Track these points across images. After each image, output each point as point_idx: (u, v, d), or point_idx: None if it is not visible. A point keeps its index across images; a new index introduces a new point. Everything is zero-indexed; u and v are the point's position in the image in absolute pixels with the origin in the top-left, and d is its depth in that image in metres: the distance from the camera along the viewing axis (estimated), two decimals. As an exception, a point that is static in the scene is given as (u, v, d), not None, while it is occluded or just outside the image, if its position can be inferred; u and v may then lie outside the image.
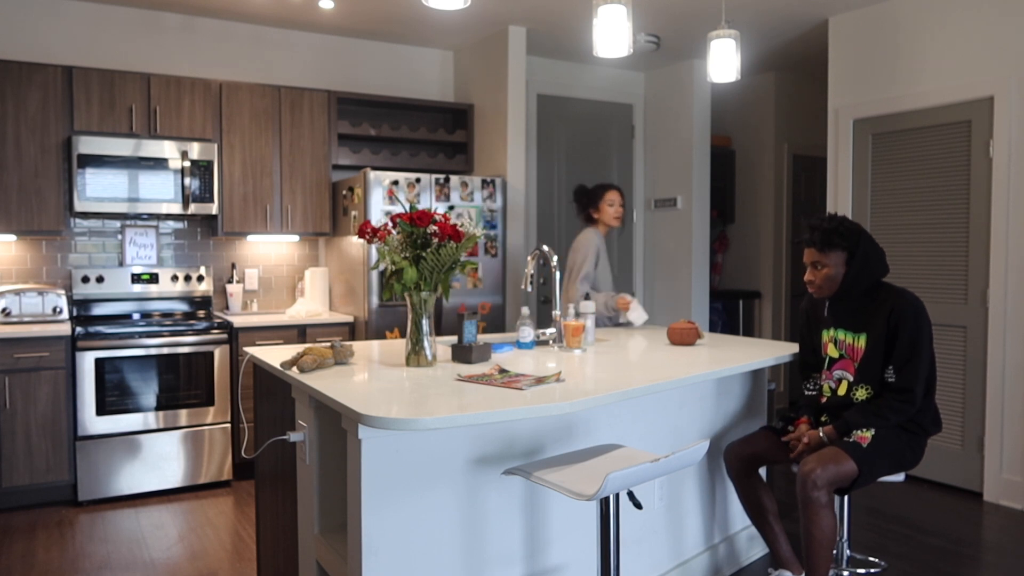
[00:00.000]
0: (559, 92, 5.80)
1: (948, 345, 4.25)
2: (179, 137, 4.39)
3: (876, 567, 3.18)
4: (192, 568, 3.24)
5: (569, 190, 5.87)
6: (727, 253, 6.78)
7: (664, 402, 2.84)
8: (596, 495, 1.84)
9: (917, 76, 4.39)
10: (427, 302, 2.53)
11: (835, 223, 2.75)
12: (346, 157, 4.89)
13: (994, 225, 4.03)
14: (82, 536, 3.60)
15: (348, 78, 5.22)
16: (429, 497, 2.11)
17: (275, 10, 4.63)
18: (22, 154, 4.07)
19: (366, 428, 1.91)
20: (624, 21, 2.77)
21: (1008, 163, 3.97)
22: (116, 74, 4.24)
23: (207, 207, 4.42)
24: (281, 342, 4.47)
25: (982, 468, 4.12)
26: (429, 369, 2.54)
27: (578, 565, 2.52)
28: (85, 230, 4.52)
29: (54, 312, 4.20)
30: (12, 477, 3.87)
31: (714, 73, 3.35)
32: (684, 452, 2.01)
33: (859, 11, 4.68)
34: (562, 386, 2.25)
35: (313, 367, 2.41)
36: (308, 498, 2.32)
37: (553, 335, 3.24)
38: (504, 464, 2.27)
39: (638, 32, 5.09)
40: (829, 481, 2.57)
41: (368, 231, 2.56)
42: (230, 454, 4.33)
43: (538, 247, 3.32)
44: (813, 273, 2.79)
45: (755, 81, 6.38)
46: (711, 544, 3.15)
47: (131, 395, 4.09)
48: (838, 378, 2.82)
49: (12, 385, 3.85)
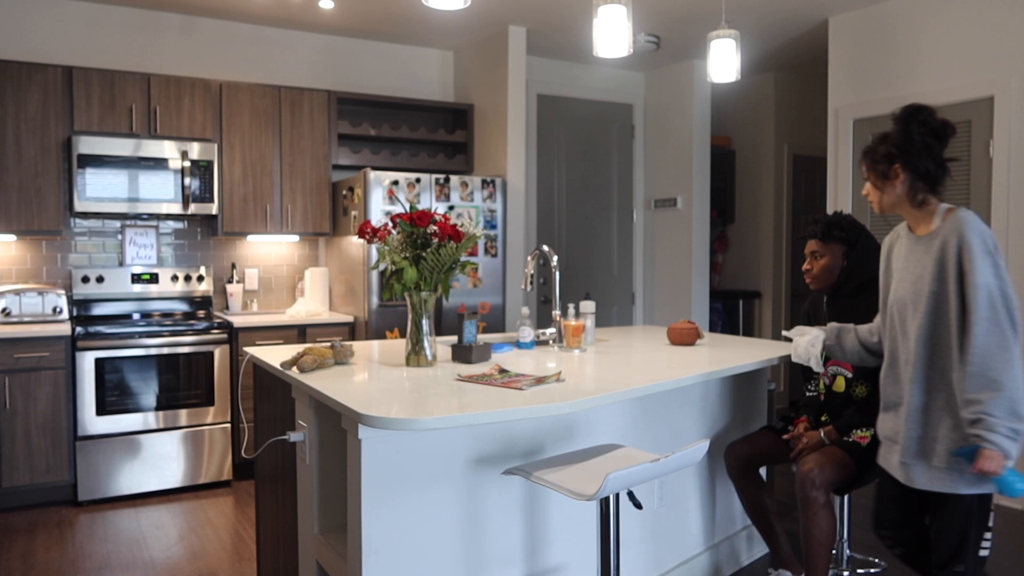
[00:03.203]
0: (559, 92, 5.80)
1: (948, 345, 4.25)
2: (179, 137, 4.39)
3: (876, 567, 3.18)
4: (192, 568, 3.24)
5: (569, 190, 5.88)
6: (727, 253, 6.78)
7: (664, 402, 2.84)
8: (596, 495, 1.84)
9: (917, 76, 4.39)
10: (427, 302, 2.53)
11: (837, 217, 2.80)
12: (346, 157, 4.89)
13: (994, 225, 4.03)
14: (82, 536, 3.60)
15: (348, 78, 5.22)
16: (429, 497, 2.11)
17: (275, 10, 4.63)
18: (22, 154, 4.07)
19: (366, 428, 1.92)
20: (624, 21, 2.77)
21: (1008, 163, 3.97)
22: (116, 74, 4.24)
23: (207, 207, 4.42)
24: (281, 342, 4.47)
25: (982, 468, 4.12)
26: (429, 369, 2.54)
27: (578, 565, 2.52)
28: (85, 230, 4.52)
29: (54, 312, 4.20)
30: (12, 477, 3.87)
31: (714, 73, 3.35)
32: (684, 452, 2.01)
33: (859, 11, 4.68)
34: (562, 386, 2.25)
35: (313, 367, 2.41)
36: (308, 498, 2.32)
37: (553, 335, 3.24)
38: (504, 464, 2.27)
39: (638, 32, 5.09)
40: (828, 481, 2.57)
41: (368, 231, 2.56)
42: (230, 454, 4.33)
43: (538, 247, 3.32)
44: (811, 262, 2.82)
45: (755, 81, 6.38)
46: (711, 544, 3.15)
47: (131, 395, 4.09)
48: (833, 374, 2.82)
49: (12, 385, 3.85)
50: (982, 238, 2.05)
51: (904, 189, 2.19)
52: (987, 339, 2.01)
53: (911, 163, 2.16)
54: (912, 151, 2.15)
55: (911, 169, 2.16)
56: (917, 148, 2.14)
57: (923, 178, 2.16)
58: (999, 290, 2.02)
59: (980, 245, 2.04)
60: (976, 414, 2.00)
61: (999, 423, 1.97)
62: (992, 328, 2.01)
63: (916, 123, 2.16)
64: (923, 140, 2.15)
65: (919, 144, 2.14)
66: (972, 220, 2.09)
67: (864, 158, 2.27)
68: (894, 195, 2.21)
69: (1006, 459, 1.98)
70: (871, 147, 2.25)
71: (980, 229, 2.07)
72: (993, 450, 1.97)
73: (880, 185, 2.23)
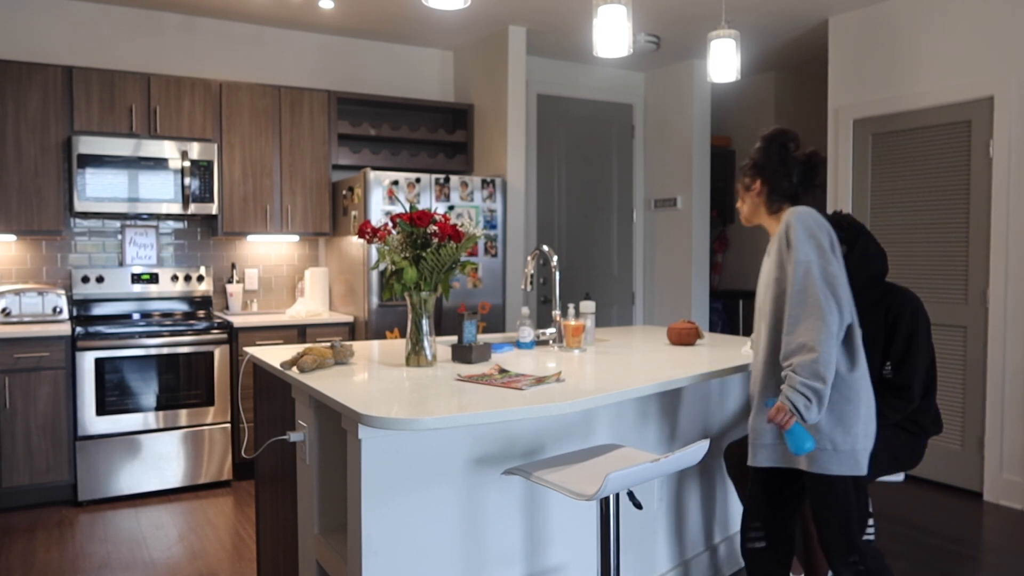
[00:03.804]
0: (559, 92, 5.80)
1: (948, 345, 4.25)
2: (179, 137, 4.39)
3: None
4: (192, 568, 3.24)
5: (569, 190, 5.88)
6: (727, 253, 6.78)
7: (664, 402, 2.84)
8: (596, 495, 1.84)
9: (917, 76, 4.39)
10: (427, 302, 2.53)
11: (837, 217, 2.78)
12: (346, 157, 4.89)
13: (994, 225, 4.03)
14: (82, 536, 3.60)
15: (348, 78, 5.22)
16: (429, 497, 2.11)
17: (275, 10, 4.63)
18: (22, 154, 4.07)
19: (366, 428, 1.92)
20: (624, 21, 2.77)
21: (1008, 163, 3.97)
22: (116, 74, 4.24)
23: (207, 207, 4.42)
24: (281, 342, 4.47)
25: (982, 468, 4.12)
26: (429, 369, 2.54)
27: (578, 565, 2.52)
28: (85, 230, 4.52)
29: (54, 312, 4.20)
30: (12, 477, 3.87)
31: (714, 73, 3.35)
32: (684, 452, 2.01)
33: (859, 11, 4.68)
34: (562, 386, 2.25)
35: (313, 367, 2.41)
36: (308, 498, 2.32)
37: (553, 335, 3.24)
38: (504, 464, 2.27)
39: (638, 32, 5.09)
40: (829, 481, 2.58)
41: (368, 231, 2.56)
42: (230, 454, 4.33)
43: (538, 247, 3.32)
44: None
45: (755, 81, 6.38)
46: (711, 544, 3.15)
47: (131, 395, 4.09)
48: None
49: (12, 385, 3.85)
50: (806, 224, 2.18)
51: (761, 200, 2.36)
52: (800, 308, 2.12)
53: (767, 179, 2.34)
54: (768, 168, 2.33)
55: (767, 184, 2.34)
56: (774, 166, 2.32)
57: (778, 191, 2.33)
58: (819, 267, 2.14)
59: (803, 229, 2.17)
60: (785, 372, 2.12)
61: (797, 379, 2.08)
62: (806, 298, 2.12)
63: (776, 145, 2.34)
64: (781, 158, 2.31)
65: (776, 162, 2.32)
66: (800, 211, 2.24)
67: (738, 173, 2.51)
68: (752, 206, 2.40)
69: (795, 413, 2.08)
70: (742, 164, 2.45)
71: (805, 217, 2.20)
72: (785, 403, 2.09)
73: (743, 196, 2.42)
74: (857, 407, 2.19)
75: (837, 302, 2.13)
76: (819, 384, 2.07)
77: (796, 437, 2.09)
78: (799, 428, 2.09)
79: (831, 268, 2.14)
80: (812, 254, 2.15)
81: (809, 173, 2.33)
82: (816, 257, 2.14)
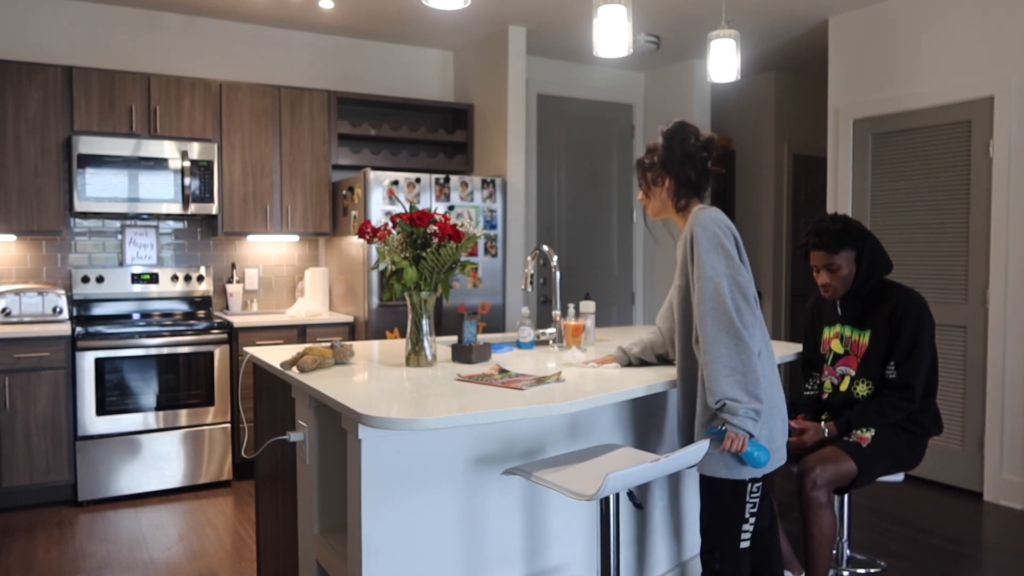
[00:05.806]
0: (559, 92, 5.80)
1: (948, 345, 4.25)
2: (179, 137, 4.39)
3: (876, 567, 3.18)
4: (192, 568, 3.24)
5: (569, 190, 5.88)
6: (727, 253, 6.76)
7: (664, 402, 2.84)
8: (596, 495, 1.84)
9: (917, 76, 4.39)
10: (427, 302, 2.53)
11: (841, 223, 2.77)
12: (346, 157, 4.89)
13: (994, 225, 4.03)
14: (82, 536, 3.60)
15: (348, 78, 5.22)
16: (429, 497, 2.11)
17: (275, 10, 4.63)
18: (22, 154, 4.07)
19: (366, 428, 1.91)
20: (624, 21, 2.77)
21: (1008, 163, 3.97)
22: (116, 74, 4.24)
23: (207, 207, 4.42)
24: (281, 342, 4.47)
25: (982, 468, 4.12)
26: (429, 369, 2.54)
27: (578, 565, 2.52)
28: (85, 230, 4.52)
29: (54, 312, 4.20)
30: (12, 477, 3.87)
31: (714, 73, 3.35)
32: (684, 452, 2.01)
33: (859, 11, 4.68)
34: (562, 386, 2.25)
35: (313, 367, 2.41)
36: (308, 498, 2.32)
37: (553, 335, 3.24)
38: (504, 464, 2.27)
39: (638, 32, 5.09)
40: (828, 481, 2.58)
41: (368, 231, 2.56)
42: (230, 454, 4.33)
43: (538, 247, 3.32)
44: (829, 276, 2.79)
45: (755, 81, 6.38)
46: (711, 544, 3.14)
47: (131, 395, 4.09)
48: (841, 374, 2.82)
49: (12, 385, 3.85)
50: (710, 231, 2.17)
51: (668, 195, 2.35)
52: (716, 329, 2.11)
53: (674, 172, 2.32)
54: (673, 164, 2.32)
55: (674, 178, 2.33)
56: (679, 159, 2.31)
57: (686, 185, 2.32)
58: (728, 279, 2.13)
59: (707, 239, 2.16)
60: (719, 401, 2.10)
61: (739, 406, 2.08)
62: (720, 317, 2.11)
63: (678, 139, 2.33)
64: (684, 151, 2.31)
65: (680, 156, 2.31)
66: (703, 215, 2.22)
67: (636, 168, 2.46)
68: (659, 201, 2.38)
69: (750, 437, 2.10)
70: (640, 159, 2.43)
71: (708, 222, 2.19)
72: (737, 432, 2.09)
73: (648, 192, 2.40)
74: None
75: (752, 313, 2.15)
76: (758, 404, 2.10)
77: (754, 455, 2.12)
78: (753, 444, 2.12)
79: (740, 278, 2.15)
80: (720, 265, 2.14)
81: (708, 161, 2.34)
82: (724, 268, 2.14)
